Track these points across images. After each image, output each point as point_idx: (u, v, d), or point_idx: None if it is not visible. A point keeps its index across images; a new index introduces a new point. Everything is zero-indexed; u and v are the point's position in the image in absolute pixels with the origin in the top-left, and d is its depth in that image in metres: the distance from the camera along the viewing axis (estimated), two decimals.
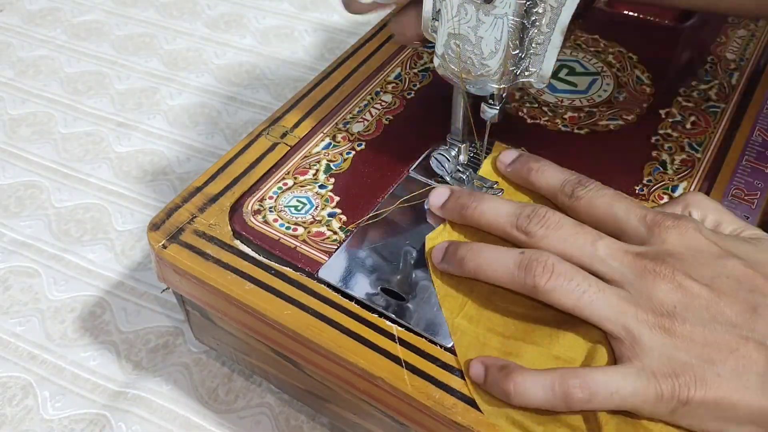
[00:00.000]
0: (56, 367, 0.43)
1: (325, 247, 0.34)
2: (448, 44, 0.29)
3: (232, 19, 0.72)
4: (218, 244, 0.34)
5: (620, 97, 0.42)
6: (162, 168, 0.56)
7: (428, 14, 0.30)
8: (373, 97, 0.42)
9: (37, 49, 0.68)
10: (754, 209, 0.35)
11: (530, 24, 0.27)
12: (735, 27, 0.48)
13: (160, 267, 0.35)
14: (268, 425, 0.40)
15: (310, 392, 0.36)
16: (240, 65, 0.66)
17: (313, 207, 0.35)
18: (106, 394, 0.42)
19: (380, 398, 0.30)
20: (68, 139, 0.58)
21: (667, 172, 0.37)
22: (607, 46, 0.46)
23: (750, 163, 0.38)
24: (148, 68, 0.66)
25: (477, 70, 0.29)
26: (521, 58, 0.28)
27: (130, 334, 0.45)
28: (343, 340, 0.30)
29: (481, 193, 0.32)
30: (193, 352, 0.44)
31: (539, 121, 0.40)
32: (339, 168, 0.38)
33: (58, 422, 0.41)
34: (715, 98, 0.42)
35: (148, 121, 0.60)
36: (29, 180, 0.55)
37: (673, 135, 0.39)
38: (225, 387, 0.42)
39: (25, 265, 0.49)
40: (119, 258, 0.49)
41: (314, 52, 0.67)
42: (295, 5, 0.73)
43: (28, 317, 0.46)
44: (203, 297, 0.34)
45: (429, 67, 0.44)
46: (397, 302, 0.31)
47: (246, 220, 0.35)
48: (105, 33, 0.70)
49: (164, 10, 0.73)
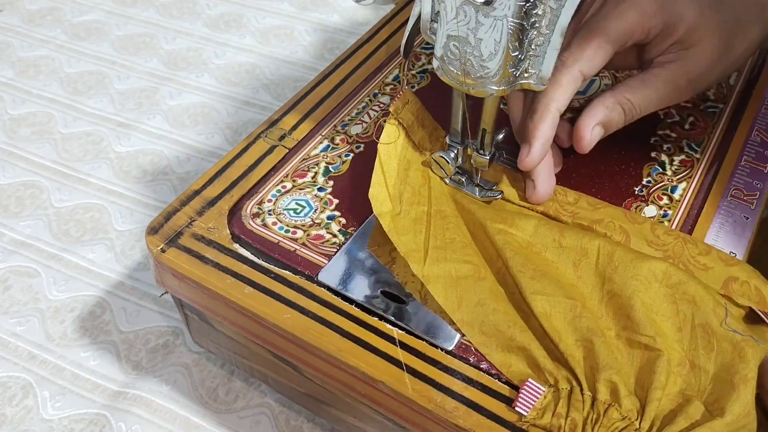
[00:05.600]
0: (56, 367, 0.43)
1: (324, 250, 0.34)
2: (447, 46, 0.29)
3: (232, 19, 0.72)
4: (217, 248, 0.34)
5: None
6: (162, 168, 0.56)
7: (427, 16, 0.30)
8: (371, 99, 0.42)
9: (37, 49, 0.68)
10: (753, 209, 0.35)
11: (530, 26, 0.27)
12: None
13: (159, 271, 0.35)
14: (268, 425, 0.40)
15: (309, 396, 0.36)
16: (240, 65, 0.66)
17: (312, 210, 0.35)
18: (106, 394, 0.42)
19: (381, 401, 0.30)
20: (68, 139, 0.59)
21: (666, 172, 0.37)
22: None
23: (749, 163, 0.37)
24: (148, 68, 0.66)
25: (476, 72, 0.29)
26: (521, 60, 0.28)
27: (130, 334, 0.45)
28: (343, 343, 0.30)
29: None
30: (192, 352, 0.44)
31: None
32: (338, 171, 0.37)
33: (58, 422, 0.41)
34: (713, 98, 0.42)
35: (148, 121, 0.60)
36: (29, 180, 0.55)
37: (671, 135, 0.39)
38: (225, 387, 0.42)
39: (25, 265, 0.49)
40: (119, 258, 0.49)
41: (314, 52, 0.67)
42: (295, 5, 0.73)
43: (28, 317, 0.46)
44: (202, 301, 0.34)
45: (427, 69, 0.44)
46: (397, 305, 0.31)
47: (245, 224, 0.35)
48: (105, 33, 0.70)
49: (164, 10, 0.73)
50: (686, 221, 0.34)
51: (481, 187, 0.35)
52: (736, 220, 0.34)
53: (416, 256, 0.31)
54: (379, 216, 0.32)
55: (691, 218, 0.35)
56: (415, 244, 0.32)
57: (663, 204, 0.35)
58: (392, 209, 0.33)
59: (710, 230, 0.34)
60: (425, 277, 0.31)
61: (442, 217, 0.33)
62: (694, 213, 0.35)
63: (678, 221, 0.34)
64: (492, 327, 0.29)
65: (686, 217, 0.35)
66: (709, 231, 0.34)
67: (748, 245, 0.34)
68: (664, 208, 0.35)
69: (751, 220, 0.35)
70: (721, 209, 0.35)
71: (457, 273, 0.31)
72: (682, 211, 0.35)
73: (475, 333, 0.30)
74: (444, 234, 0.32)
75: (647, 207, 0.35)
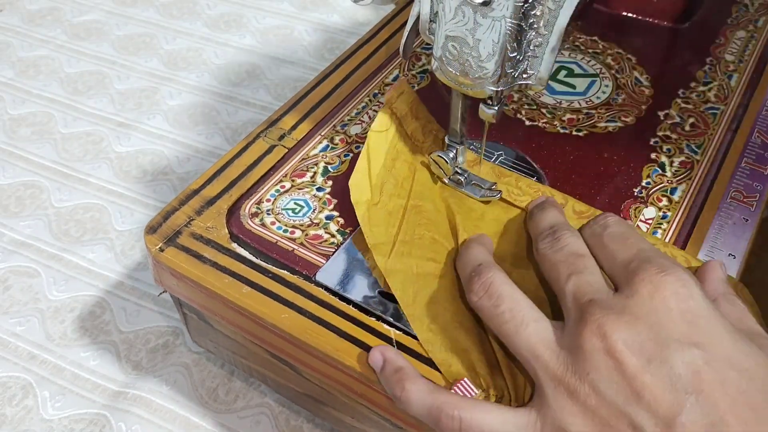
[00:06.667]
0: (56, 367, 0.43)
1: (322, 250, 0.34)
2: (445, 47, 0.29)
3: (232, 19, 0.72)
4: (215, 247, 0.34)
5: (619, 99, 0.42)
6: (162, 168, 0.56)
7: (426, 16, 0.30)
8: (371, 99, 0.42)
9: (37, 49, 0.68)
10: (753, 211, 0.35)
11: (528, 26, 0.27)
12: (734, 28, 0.48)
13: (158, 270, 0.35)
14: (268, 425, 0.40)
15: (307, 395, 0.36)
16: (240, 65, 0.66)
17: (311, 210, 0.35)
18: (106, 394, 0.42)
19: (378, 402, 0.30)
20: (68, 139, 0.59)
21: (666, 174, 0.37)
22: (605, 48, 0.45)
23: (749, 165, 0.37)
24: (148, 68, 0.66)
25: (474, 73, 0.29)
26: (519, 61, 0.28)
27: (130, 334, 0.45)
28: (340, 343, 0.30)
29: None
30: (192, 352, 0.44)
31: (538, 123, 0.40)
32: (337, 170, 0.37)
33: (58, 422, 0.41)
34: (714, 100, 0.41)
35: (148, 121, 0.60)
36: (29, 180, 0.55)
37: (672, 137, 0.39)
38: (225, 387, 0.42)
39: (25, 265, 0.49)
40: (119, 258, 0.49)
41: (314, 52, 0.67)
42: (295, 5, 0.73)
43: (28, 317, 0.46)
44: (201, 300, 0.34)
45: (427, 69, 0.44)
46: (395, 305, 0.31)
47: (243, 223, 0.35)
48: (105, 33, 0.70)
49: (164, 10, 0.73)
50: (686, 223, 0.34)
51: (480, 187, 0.35)
52: (736, 222, 0.34)
53: (383, 249, 0.32)
54: (355, 204, 0.33)
55: (690, 220, 0.35)
56: (385, 236, 0.32)
57: (662, 205, 0.35)
58: (371, 199, 0.33)
59: (709, 232, 0.34)
60: (386, 270, 0.31)
61: (417, 212, 0.34)
62: (693, 215, 0.35)
63: (677, 223, 0.34)
64: (440, 326, 0.30)
65: (686, 219, 0.35)
66: (709, 232, 0.34)
67: (748, 247, 0.33)
68: (664, 210, 0.35)
69: (751, 222, 0.34)
70: (721, 211, 0.35)
71: (418, 269, 0.31)
72: (681, 212, 0.35)
73: (423, 329, 0.30)
74: (414, 230, 0.33)
75: (646, 208, 0.35)
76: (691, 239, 0.34)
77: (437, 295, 0.31)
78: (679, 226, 0.34)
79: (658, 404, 0.23)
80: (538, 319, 0.26)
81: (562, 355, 0.25)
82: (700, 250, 0.33)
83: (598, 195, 0.35)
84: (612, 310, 0.24)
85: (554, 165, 0.37)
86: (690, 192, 0.36)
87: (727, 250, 0.33)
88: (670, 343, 0.23)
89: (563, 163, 0.37)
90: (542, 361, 0.25)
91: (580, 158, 0.38)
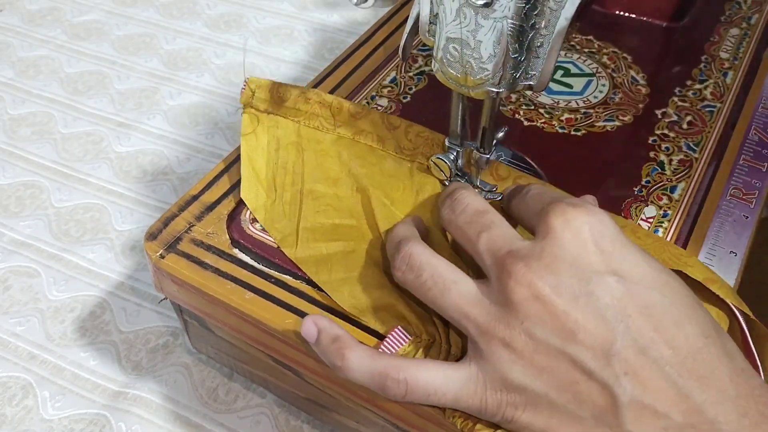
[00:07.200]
0: (56, 367, 0.43)
1: None
2: (446, 48, 0.29)
3: (232, 19, 0.72)
4: (216, 253, 0.33)
5: (616, 98, 0.42)
6: (162, 168, 0.56)
7: (425, 18, 0.30)
8: (368, 101, 0.42)
9: (37, 49, 0.68)
10: (752, 208, 0.35)
11: (529, 27, 0.27)
12: (728, 26, 0.48)
13: (158, 277, 0.34)
14: (268, 425, 0.40)
15: (311, 400, 0.36)
16: (240, 65, 0.66)
17: None
18: (106, 394, 0.42)
19: (382, 406, 0.30)
20: (68, 139, 0.59)
21: (665, 172, 0.37)
22: (601, 47, 0.46)
23: (747, 162, 0.38)
24: (148, 68, 0.66)
25: (476, 74, 0.29)
26: (521, 62, 0.28)
27: (130, 334, 0.45)
28: None
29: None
30: (193, 352, 0.44)
31: (536, 123, 0.40)
32: None
33: (58, 422, 0.41)
34: (710, 97, 0.42)
35: (148, 121, 0.60)
36: (29, 180, 0.55)
37: (670, 135, 0.39)
38: (225, 387, 0.42)
39: (25, 265, 0.49)
40: (119, 258, 0.49)
41: (314, 52, 0.67)
42: (295, 5, 0.73)
43: (28, 317, 0.46)
44: (202, 306, 0.34)
45: (424, 71, 0.44)
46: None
47: (244, 228, 0.34)
48: (105, 33, 0.70)
49: (164, 10, 0.73)
50: (686, 221, 0.35)
51: (481, 189, 0.35)
52: (736, 219, 0.35)
53: (289, 241, 0.32)
54: (254, 212, 0.34)
55: (690, 218, 0.35)
56: (289, 228, 0.33)
57: (663, 204, 0.35)
58: (266, 200, 0.34)
59: (710, 229, 0.34)
60: (298, 259, 0.32)
61: (314, 198, 0.34)
62: (693, 212, 0.35)
63: (678, 221, 0.34)
64: (360, 291, 0.30)
65: (686, 217, 0.35)
66: (709, 230, 0.34)
67: (748, 244, 0.34)
68: (664, 208, 0.35)
69: (751, 219, 0.35)
70: (721, 208, 0.35)
71: (328, 250, 0.32)
72: (681, 210, 0.35)
73: (345, 298, 0.30)
74: (315, 217, 0.33)
75: (647, 207, 0.35)
76: (692, 237, 0.34)
77: (353, 264, 0.31)
78: (680, 224, 0.34)
79: (593, 337, 0.23)
80: (459, 281, 0.26)
81: (493, 310, 0.25)
82: (702, 249, 0.33)
83: (598, 194, 0.35)
84: (531, 257, 0.25)
85: (554, 165, 0.37)
86: (690, 190, 0.36)
87: (728, 247, 0.33)
88: (592, 276, 0.24)
89: (563, 163, 0.38)
90: (472, 319, 0.25)
91: (580, 158, 0.38)
